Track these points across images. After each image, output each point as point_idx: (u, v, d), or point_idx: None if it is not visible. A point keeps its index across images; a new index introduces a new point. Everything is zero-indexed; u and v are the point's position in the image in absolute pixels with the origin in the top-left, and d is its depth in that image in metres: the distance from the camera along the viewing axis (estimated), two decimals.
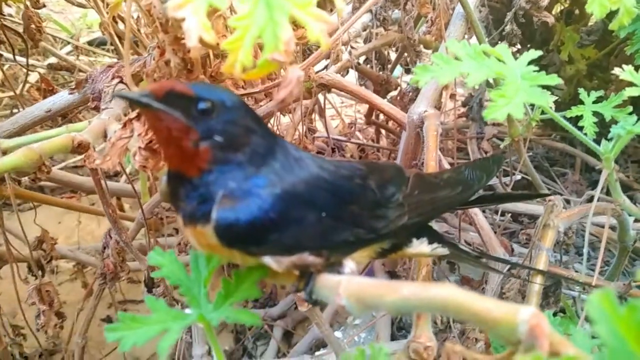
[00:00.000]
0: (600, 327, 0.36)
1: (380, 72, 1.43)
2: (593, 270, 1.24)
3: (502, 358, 0.46)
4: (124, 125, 0.71)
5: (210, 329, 0.55)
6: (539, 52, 0.74)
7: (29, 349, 1.35)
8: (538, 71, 0.72)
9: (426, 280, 0.72)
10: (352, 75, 1.48)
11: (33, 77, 1.80)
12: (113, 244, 0.93)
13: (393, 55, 1.53)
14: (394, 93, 1.49)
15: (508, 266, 0.83)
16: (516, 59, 0.75)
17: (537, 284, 0.74)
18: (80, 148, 0.78)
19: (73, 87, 0.95)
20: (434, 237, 0.66)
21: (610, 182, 0.79)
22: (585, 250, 0.88)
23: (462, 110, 1.59)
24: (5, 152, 0.83)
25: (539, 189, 1.26)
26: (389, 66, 1.50)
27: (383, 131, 1.71)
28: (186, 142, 0.52)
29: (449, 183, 0.66)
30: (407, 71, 1.52)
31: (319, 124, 1.63)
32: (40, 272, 1.26)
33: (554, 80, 0.70)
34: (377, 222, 0.58)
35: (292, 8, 0.51)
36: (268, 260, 0.52)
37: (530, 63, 0.73)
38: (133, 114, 0.72)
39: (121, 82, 0.91)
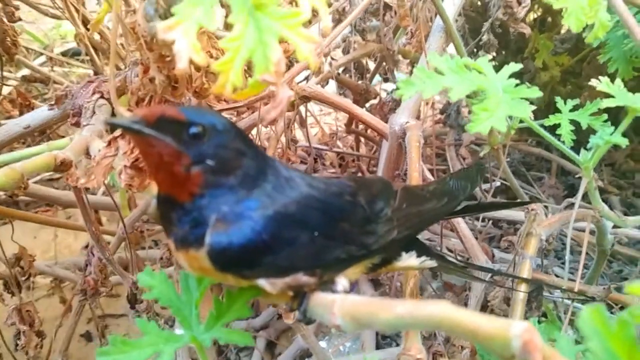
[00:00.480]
0: (592, 343, 0.37)
1: (360, 82, 1.44)
2: (573, 274, 1.28)
3: None
4: (109, 143, 0.71)
5: (203, 350, 0.55)
6: (519, 65, 0.76)
7: None
8: (518, 83, 0.74)
9: (414, 290, 0.73)
10: (332, 84, 1.49)
11: (5, 89, 1.77)
12: (95, 262, 0.92)
13: (372, 65, 1.54)
14: (374, 101, 1.51)
15: (492, 275, 0.85)
16: (493, 66, 0.76)
17: (521, 292, 0.76)
18: (63, 166, 0.77)
19: (52, 102, 0.93)
20: (422, 249, 0.67)
21: (589, 190, 0.81)
22: (567, 257, 0.90)
23: (440, 116, 1.62)
24: None
25: (517, 195, 1.28)
26: (368, 75, 1.51)
27: (362, 139, 1.72)
28: (178, 167, 0.51)
29: (435, 195, 0.67)
30: (386, 80, 1.54)
31: (298, 132, 1.63)
32: (17, 290, 1.24)
33: (535, 93, 0.71)
34: (368, 238, 0.58)
35: (282, 29, 0.52)
36: (262, 282, 0.52)
37: (511, 76, 0.74)
38: (117, 132, 0.71)
39: (102, 97, 0.90)
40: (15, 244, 1.27)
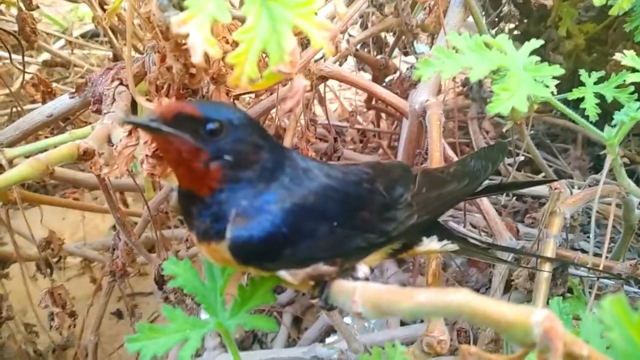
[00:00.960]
0: (614, 334, 0.37)
1: (379, 57, 1.42)
2: (599, 248, 1.26)
3: (515, 358, 0.47)
4: (129, 133, 0.72)
5: (229, 336, 0.56)
6: (541, 42, 0.74)
7: (42, 345, 1.37)
8: (539, 60, 0.73)
9: (437, 269, 0.73)
10: (351, 60, 1.48)
11: (28, 76, 1.79)
12: (122, 246, 0.94)
13: (390, 39, 1.52)
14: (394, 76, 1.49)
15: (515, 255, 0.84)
16: (515, 36, 0.74)
17: (545, 272, 0.75)
18: (86, 155, 0.78)
19: (73, 90, 0.94)
20: (444, 233, 0.67)
21: (615, 166, 0.79)
22: (592, 234, 0.89)
23: (462, 89, 1.59)
24: (10, 161, 0.84)
25: (542, 169, 1.26)
26: (387, 50, 1.49)
27: (383, 114, 1.71)
28: (196, 163, 0.52)
29: (455, 176, 0.67)
30: (406, 54, 1.52)
31: (318, 109, 1.63)
32: (49, 271, 1.28)
33: (557, 71, 0.70)
34: (387, 225, 0.58)
35: (295, 18, 0.51)
36: (283, 273, 0.53)
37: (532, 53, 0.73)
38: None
39: (121, 84, 0.91)
40: (45, 227, 1.31)
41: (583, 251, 1.21)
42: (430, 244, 0.65)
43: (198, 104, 0.54)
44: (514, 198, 1.43)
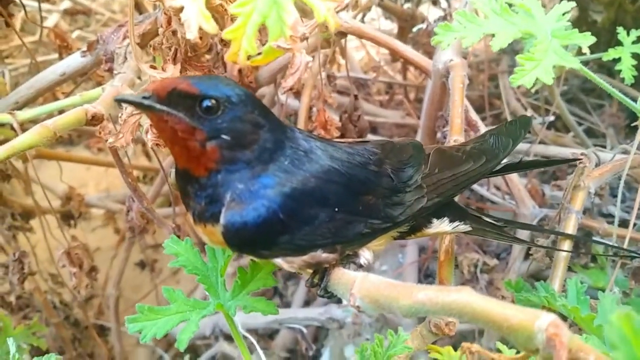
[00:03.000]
0: (618, 354, 0.34)
1: (406, 5, 1.35)
2: (628, 212, 1.21)
3: (518, 359, 0.45)
4: None
5: (230, 317, 0.55)
6: (572, 4, 0.68)
7: (68, 295, 1.41)
8: (569, 25, 0.67)
9: (449, 248, 0.70)
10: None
11: (51, 21, 1.77)
12: (136, 208, 0.94)
13: None
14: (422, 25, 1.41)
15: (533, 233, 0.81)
16: None
17: (564, 251, 0.72)
18: (95, 120, 0.77)
19: (85, 49, 0.92)
20: (456, 213, 0.64)
21: None
22: (618, 203, 0.84)
23: None
24: (21, 124, 0.83)
25: (573, 131, 1.21)
26: None
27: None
28: (193, 142, 0.50)
29: (471, 155, 0.63)
30: (434, 3, 1.44)
31: (341, 58, 1.57)
32: (72, 222, 1.30)
33: (588, 38, 0.64)
34: (394, 210, 0.55)
35: None
36: (279, 261, 0.51)
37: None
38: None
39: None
40: (69, 179, 1.32)
41: (611, 216, 1.16)
42: (441, 225, 0.62)
43: (194, 80, 0.51)
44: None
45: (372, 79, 1.49)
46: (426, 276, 1.25)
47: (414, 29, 1.43)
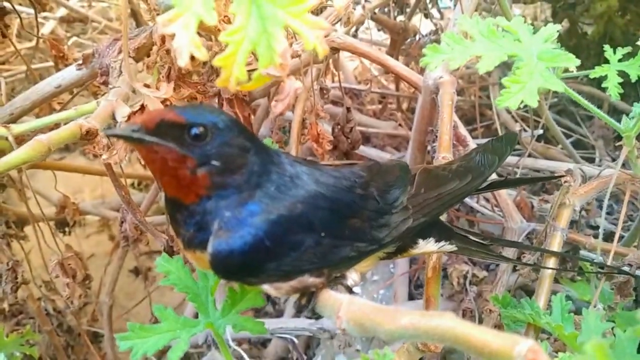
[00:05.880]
0: None
1: (398, 20, 1.36)
2: (615, 225, 1.22)
3: None
4: (128, 118, 0.71)
5: (220, 336, 0.56)
6: (558, 26, 0.69)
7: (61, 302, 1.41)
8: (555, 47, 0.69)
9: (436, 265, 0.71)
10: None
11: (47, 28, 1.77)
12: (130, 220, 0.95)
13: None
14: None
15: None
16: None
17: (549, 269, 0.73)
18: (89, 135, 0.78)
19: (80, 62, 0.93)
20: (442, 233, 0.65)
21: (630, 158, 0.76)
22: (602, 221, 0.86)
23: None
24: (16, 138, 0.84)
25: (561, 144, 1.23)
26: (408, 10, 1.43)
27: None
28: (183, 170, 0.51)
29: (457, 174, 0.64)
30: (426, 16, 1.45)
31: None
32: (67, 230, 1.31)
33: (573, 61, 0.66)
34: (380, 232, 0.57)
35: (287, 17, 0.49)
36: (267, 287, 0.52)
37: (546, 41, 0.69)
38: (136, 107, 0.71)
39: (128, 56, 0.89)
40: (64, 187, 1.33)
41: (598, 228, 1.17)
42: (427, 245, 0.63)
43: (179, 110, 0.52)
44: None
45: (365, 90, 1.50)
46: (417, 287, 1.27)
47: (407, 41, 1.45)
